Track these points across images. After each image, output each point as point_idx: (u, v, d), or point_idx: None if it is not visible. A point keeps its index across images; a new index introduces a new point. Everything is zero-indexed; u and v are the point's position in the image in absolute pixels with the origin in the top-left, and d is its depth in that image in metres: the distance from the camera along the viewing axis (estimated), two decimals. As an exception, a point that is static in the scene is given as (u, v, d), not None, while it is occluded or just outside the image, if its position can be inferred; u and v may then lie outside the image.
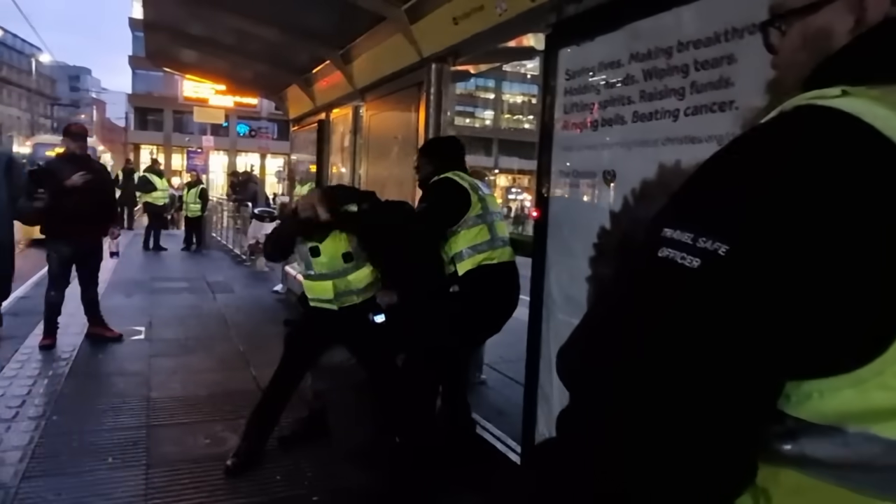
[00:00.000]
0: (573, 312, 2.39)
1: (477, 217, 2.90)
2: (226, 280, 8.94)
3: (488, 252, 2.87)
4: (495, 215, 2.98)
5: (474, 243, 2.89)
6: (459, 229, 2.88)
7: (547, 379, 2.54)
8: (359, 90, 5.03)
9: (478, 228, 2.89)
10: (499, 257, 2.90)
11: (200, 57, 6.21)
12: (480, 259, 2.86)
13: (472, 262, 2.86)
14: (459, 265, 2.88)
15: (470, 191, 2.91)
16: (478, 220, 2.90)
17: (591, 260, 2.29)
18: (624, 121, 2.15)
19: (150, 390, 4.12)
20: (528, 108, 56.10)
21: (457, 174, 2.97)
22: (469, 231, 2.89)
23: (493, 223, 2.93)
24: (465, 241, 2.89)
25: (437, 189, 2.96)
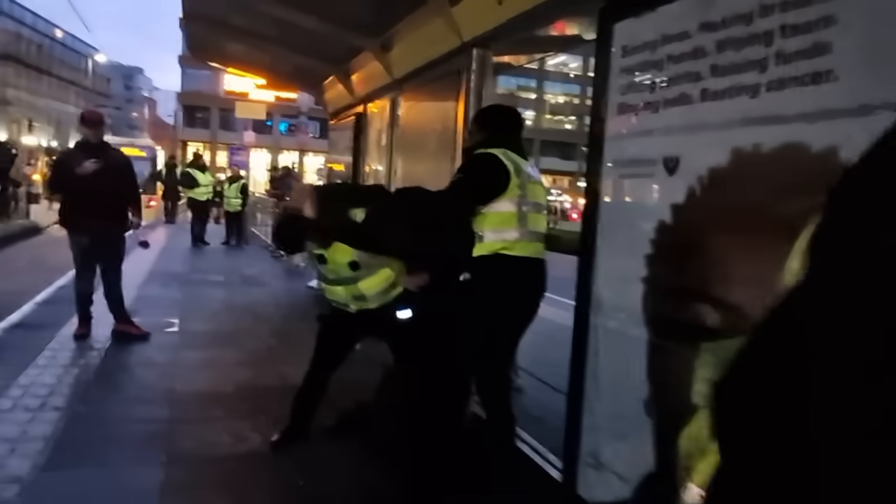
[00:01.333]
0: (625, 317, 2.13)
1: (510, 201, 2.67)
2: (261, 275, 8.92)
3: (510, 242, 2.66)
4: (533, 206, 2.74)
5: (498, 228, 2.67)
6: (487, 210, 2.67)
7: (593, 389, 2.29)
8: (397, 80, 4.86)
9: (507, 214, 2.67)
10: (521, 250, 2.67)
11: (241, 49, 6.15)
12: (498, 247, 2.65)
13: (488, 248, 2.66)
14: (477, 246, 2.68)
15: (512, 172, 2.67)
16: (509, 205, 2.67)
17: (648, 259, 2.03)
18: (691, 100, 1.89)
19: (177, 384, 4.03)
20: (570, 109, 55.43)
21: (504, 152, 2.72)
22: (496, 214, 2.66)
23: (527, 214, 2.70)
24: (490, 223, 2.67)
25: (475, 162, 2.75)
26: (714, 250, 1.80)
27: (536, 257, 2.73)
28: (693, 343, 1.86)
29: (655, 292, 2.01)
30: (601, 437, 2.26)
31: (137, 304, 6.18)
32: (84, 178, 4.52)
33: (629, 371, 2.09)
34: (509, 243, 2.65)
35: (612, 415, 2.20)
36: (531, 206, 2.73)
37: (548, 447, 2.98)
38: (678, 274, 1.91)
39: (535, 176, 2.82)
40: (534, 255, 2.72)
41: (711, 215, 1.82)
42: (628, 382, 2.10)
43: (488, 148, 2.75)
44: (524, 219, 2.69)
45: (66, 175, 4.59)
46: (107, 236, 4.75)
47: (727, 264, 1.76)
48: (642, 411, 2.03)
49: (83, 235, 4.66)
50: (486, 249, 2.66)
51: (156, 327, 5.31)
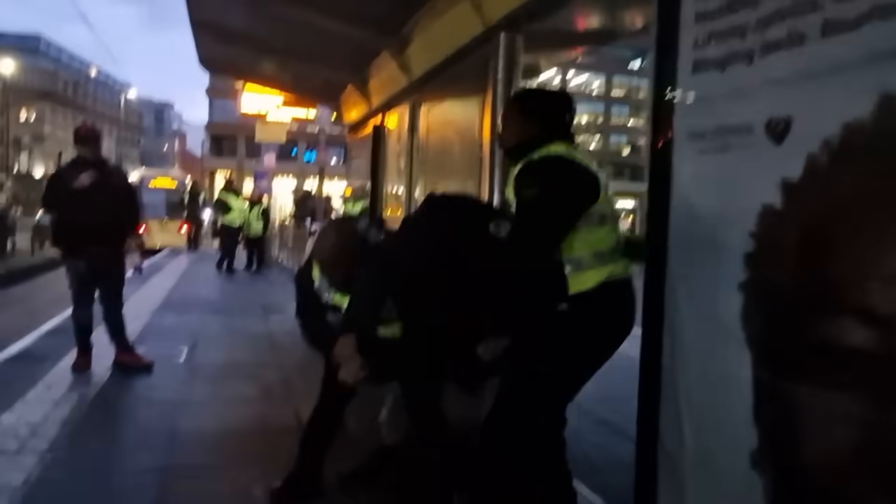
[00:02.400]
0: (714, 336, 1.61)
1: (603, 214, 2.03)
2: (281, 302, 8.49)
3: (614, 264, 2.02)
4: (614, 210, 2.17)
5: (599, 249, 2.00)
6: (580, 226, 1.98)
7: (672, 433, 1.76)
8: (415, 81, 4.45)
9: (606, 229, 2.03)
10: (623, 270, 2.05)
11: (252, 58, 5.84)
12: (607, 273, 1.99)
13: (597, 276, 1.98)
14: (575, 277, 1.98)
15: (598, 175, 2.05)
16: (604, 218, 2.04)
17: (749, 258, 1.52)
18: (804, 39, 1.39)
19: (178, 423, 3.58)
20: (594, 128, 54.90)
21: (571, 150, 2.10)
22: (593, 231, 1.99)
23: (617, 222, 2.15)
24: (587, 244, 1.98)
25: (551, 168, 2.01)
26: (853, 241, 1.28)
27: (630, 275, 2.09)
28: (823, 372, 1.34)
29: (763, 304, 1.48)
30: (688, 496, 1.72)
31: (146, 333, 5.83)
32: (81, 193, 4.16)
33: (727, 412, 1.56)
34: (612, 266, 2.01)
35: (702, 468, 1.66)
36: (616, 210, 2.19)
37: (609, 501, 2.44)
38: (800, 277, 1.39)
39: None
40: (628, 272, 2.09)
41: (846, 192, 1.30)
42: (726, 427, 1.56)
43: (549, 145, 2.07)
44: (618, 232, 2.11)
45: (62, 190, 4.24)
46: (106, 260, 4.37)
47: (872, 259, 1.24)
48: (748, 466, 1.50)
49: (80, 258, 4.29)
50: (592, 281, 1.98)
51: (162, 358, 4.90)
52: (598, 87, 55.83)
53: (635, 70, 57.24)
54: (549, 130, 2.11)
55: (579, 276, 1.97)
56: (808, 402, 1.36)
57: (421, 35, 4.12)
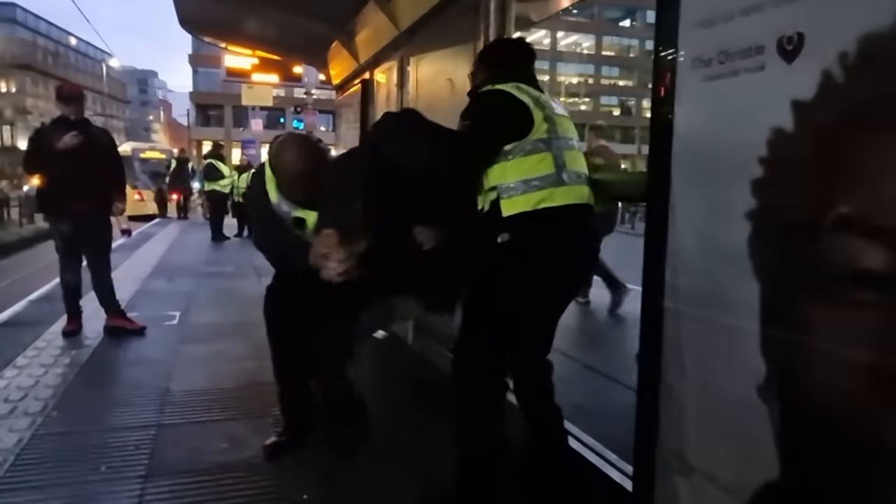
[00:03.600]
0: (720, 266, 1.56)
1: (539, 141, 2.09)
2: (273, 264, 8.47)
3: (549, 189, 2.07)
4: (565, 142, 2.16)
5: (530, 176, 2.07)
6: (511, 155, 2.09)
7: (676, 372, 1.73)
8: (404, 32, 4.30)
9: (538, 157, 2.09)
10: (563, 198, 2.08)
11: (233, 14, 5.63)
12: (537, 199, 2.06)
13: (525, 202, 2.06)
14: (505, 202, 2.08)
15: (532, 105, 2.10)
16: (539, 146, 2.09)
17: (756, 184, 1.45)
18: (820, -54, 1.31)
19: (170, 382, 3.55)
20: (584, 89, 54.26)
21: (517, 86, 2.16)
22: (525, 159, 2.08)
23: (562, 152, 2.12)
24: (518, 171, 2.08)
25: (483, 100, 2.19)
26: (870, 158, 1.22)
27: (583, 204, 2.14)
28: (836, 298, 1.29)
29: (773, 229, 1.43)
30: (689, 431, 1.70)
31: (138, 298, 5.78)
32: (64, 154, 4.04)
33: (732, 343, 1.52)
34: (548, 192, 2.07)
35: (705, 402, 1.63)
36: (564, 142, 2.16)
37: (607, 445, 2.43)
38: (811, 200, 1.34)
39: (560, 110, 2.25)
40: (579, 200, 2.13)
41: (863, 107, 1.24)
42: (731, 359, 1.53)
43: (494, 84, 2.20)
44: (560, 158, 2.11)
45: (44, 151, 4.10)
46: (90, 221, 4.27)
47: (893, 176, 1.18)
48: (755, 397, 1.46)
49: (64, 221, 4.20)
50: (522, 205, 2.07)
51: (154, 321, 4.86)
52: (588, 48, 55.01)
53: (625, 29, 56.43)
54: (498, 74, 2.27)
55: (508, 201, 2.08)
56: (819, 329, 1.32)
57: (408, -19, 3.97)
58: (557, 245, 2.10)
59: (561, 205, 2.07)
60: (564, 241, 2.12)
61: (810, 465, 1.37)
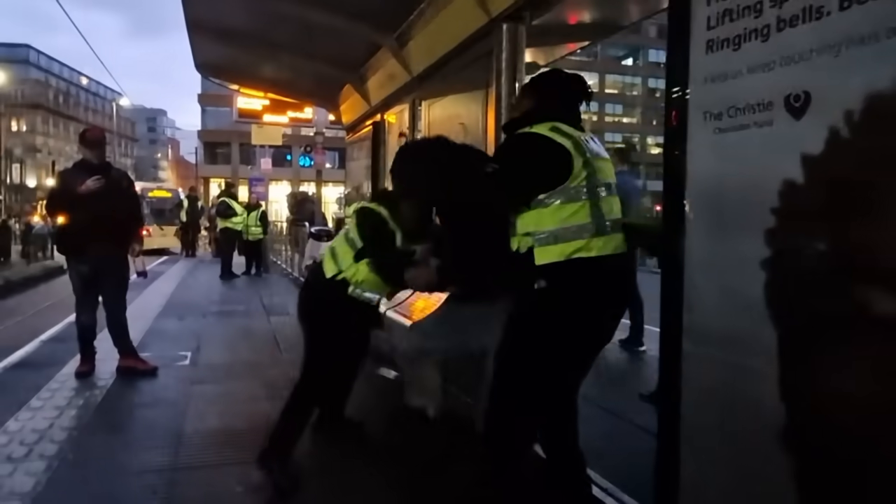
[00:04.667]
0: (737, 314, 1.60)
1: (577, 188, 2.02)
2: (283, 302, 8.49)
3: (585, 241, 2.00)
4: (605, 188, 2.09)
5: (567, 225, 2.01)
6: (549, 202, 2.02)
7: (697, 412, 1.75)
8: (416, 77, 4.43)
9: (576, 205, 2.01)
10: (599, 248, 2.01)
11: (249, 59, 5.81)
12: (571, 250, 1.99)
13: (560, 252, 2.00)
14: (539, 250, 2.03)
15: (572, 150, 2.02)
16: (577, 194, 2.02)
17: (769, 234, 1.51)
18: (823, 11, 1.39)
19: (184, 423, 3.55)
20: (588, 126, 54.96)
21: (554, 126, 2.06)
22: (563, 206, 2.01)
23: (600, 200, 2.05)
24: (554, 219, 2.02)
25: (517, 145, 2.12)
26: (880, 210, 1.28)
27: (619, 253, 2.07)
28: (851, 344, 1.33)
29: (788, 279, 1.48)
30: (708, 471, 1.71)
31: (149, 338, 5.80)
32: (86, 197, 4.14)
33: (753, 390, 1.55)
34: (585, 242, 2.01)
35: (728, 448, 1.65)
36: (603, 189, 2.08)
37: (622, 488, 2.42)
38: (825, 249, 1.39)
39: (599, 150, 2.16)
40: (616, 251, 2.06)
41: (871, 162, 1.30)
42: (753, 402, 1.55)
43: (533, 124, 2.10)
44: (598, 206, 2.04)
45: (67, 194, 4.21)
46: (109, 262, 4.34)
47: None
48: (776, 444, 1.49)
49: (84, 262, 4.27)
50: (557, 254, 2.01)
51: (166, 361, 4.88)
52: (592, 86, 55.97)
53: (628, 67, 57.45)
54: (539, 108, 2.20)
55: (542, 250, 2.04)
56: (838, 376, 1.35)
57: (422, 29, 4.11)
58: (593, 295, 2.04)
59: (597, 255, 2.01)
60: (600, 291, 2.05)
61: (834, 512, 1.39)
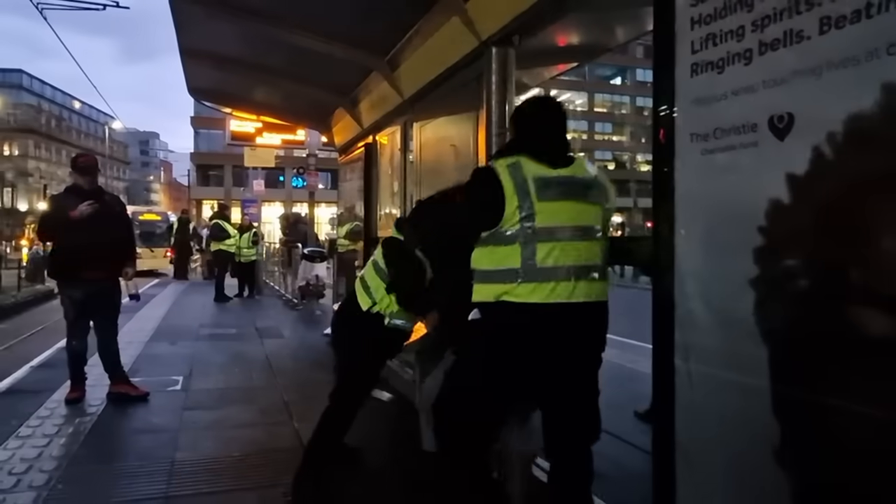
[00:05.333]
0: (726, 333, 1.61)
1: (512, 233, 2.00)
2: (275, 325, 8.46)
3: (512, 286, 1.98)
4: (558, 232, 2.00)
5: (497, 268, 2.03)
6: (485, 243, 2.08)
7: (690, 435, 1.75)
8: (408, 100, 4.47)
9: (509, 248, 2.00)
10: (529, 295, 1.96)
11: (242, 84, 5.85)
12: (498, 292, 2.01)
13: (487, 293, 2.05)
14: (475, 288, 2.11)
15: (511, 190, 2.00)
16: (511, 238, 2.00)
17: (757, 252, 1.53)
18: (804, 36, 1.42)
19: (177, 451, 3.51)
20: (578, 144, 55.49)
21: (516, 162, 2.05)
22: (496, 249, 2.03)
23: (541, 245, 1.98)
24: (488, 260, 2.07)
25: (471, 178, 2.19)
26: (866, 228, 1.30)
27: (567, 302, 1.98)
28: (842, 361, 1.34)
29: (776, 298, 1.49)
30: (706, 489, 1.70)
31: (140, 363, 5.75)
32: (78, 222, 4.13)
33: (746, 407, 1.55)
34: (511, 287, 1.98)
35: (723, 460, 1.65)
36: (556, 233, 2.00)
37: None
38: (811, 268, 1.41)
39: (576, 188, 2.08)
40: (561, 299, 1.97)
41: (854, 181, 1.32)
42: (746, 422, 1.56)
43: (505, 156, 2.12)
44: (532, 254, 1.97)
45: (60, 218, 4.19)
46: (102, 288, 4.32)
47: (886, 244, 1.25)
48: (771, 461, 1.49)
49: (77, 288, 4.25)
50: (484, 295, 2.06)
51: (158, 386, 4.83)
52: (582, 105, 56.58)
53: (616, 87, 58.17)
54: (514, 140, 2.23)
55: (477, 288, 2.10)
56: (828, 395, 1.36)
57: (412, 54, 4.16)
58: (519, 341, 2.01)
59: (526, 302, 1.96)
60: (529, 339, 2.00)
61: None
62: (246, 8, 4.12)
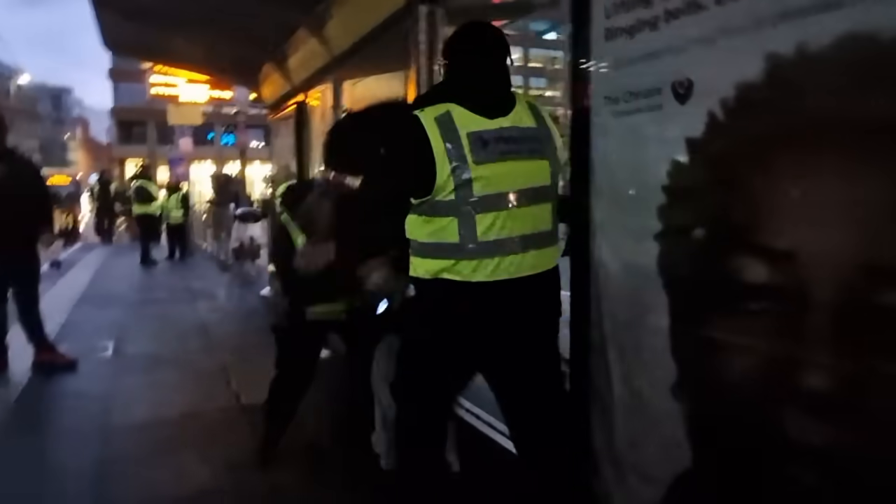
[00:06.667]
0: (636, 281, 1.76)
1: (447, 203, 1.70)
2: (210, 287, 8.27)
3: (451, 262, 1.72)
4: (498, 200, 1.70)
5: (433, 241, 1.75)
6: (419, 212, 1.77)
7: (605, 377, 1.91)
8: (336, 58, 4.39)
9: (442, 221, 1.72)
10: (472, 272, 1.70)
11: (164, 39, 5.55)
12: (437, 268, 1.74)
13: (425, 268, 1.77)
14: (412, 262, 1.82)
15: (442, 153, 1.67)
16: (446, 209, 1.70)
17: (661, 209, 1.66)
18: (702, 5, 1.52)
19: (110, 416, 3.47)
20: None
21: (446, 112, 1.71)
22: (431, 220, 1.74)
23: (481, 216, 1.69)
24: (423, 231, 1.78)
25: (397, 130, 1.81)
26: (752, 186, 1.44)
27: (513, 278, 1.72)
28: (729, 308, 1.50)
29: (675, 251, 1.64)
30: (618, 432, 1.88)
31: (67, 330, 5.54)
32: None
33: (650, 351, 1.71)
34: (451, 263, 1.72)
35: (630, 406, 1.82)
36: (496, 201, 1.70)
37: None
38: (705, 224, 1.55)
39: (520, 143, 1.74)
40: (508, 275, 1.71)
41: (744, 143, 1.45)
42: (651, 362, 1.72)
43: (434, 102, 1.76)
44: (472, 227, 1.69)
45: None
46: (16, 256, 4.11)
47: (772, 202, 1.39)
48: (669, 398, 1.66)
49: (-11, 256, 4.03)
50: (423, 270, 1.78)
51: (87, 353, 4.69)
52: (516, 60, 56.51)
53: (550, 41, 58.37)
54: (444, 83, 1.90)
55: (413, 261, 1.82)
56: (717, 336, 1.53)
57: (339, 10, 4.07)
58: (460, 322, 1.76)
59: (467, 280, 1.70)
60: (471, 319, 1.75)
61: (718, 458, 1.57)
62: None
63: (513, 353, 1.81)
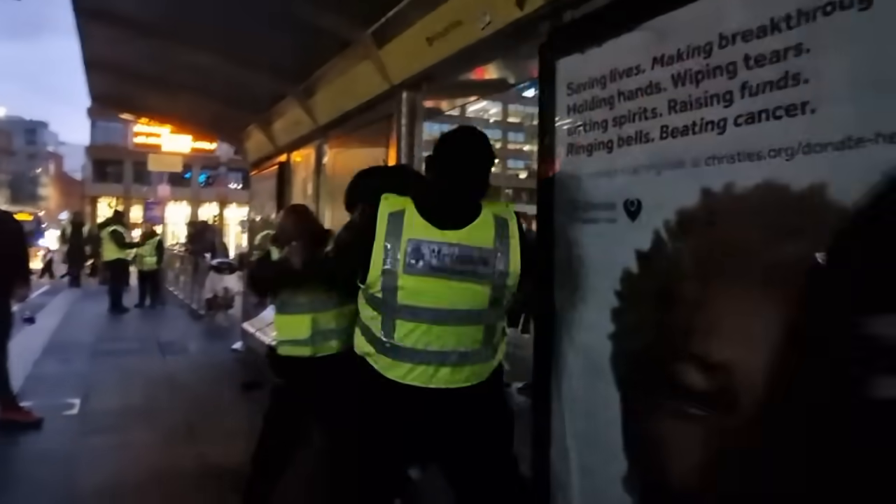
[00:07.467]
0: (592, 375, 1.91)
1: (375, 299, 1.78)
2: (180, 339, 8.20)
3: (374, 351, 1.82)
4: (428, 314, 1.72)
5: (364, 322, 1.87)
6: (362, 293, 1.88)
7: (564, 466, 2.04)
8: (321, 127, 4.60)
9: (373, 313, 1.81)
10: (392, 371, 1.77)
11: (151, 97, 5.72)
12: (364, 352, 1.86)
13: (357, 343, 1.90)
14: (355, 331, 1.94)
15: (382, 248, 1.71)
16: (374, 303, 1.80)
17: (614, 312, 1.83)
18: (649, 138, 1.74)
19: (77, 480, 3.44)
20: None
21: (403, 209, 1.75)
22: (364, 305, 1.87)
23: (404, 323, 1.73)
24: (363, 310, 1.89)
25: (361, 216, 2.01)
26: (689, 301, 1.62)
27: (425, 387, 1.74)
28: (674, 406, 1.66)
29: (625, 351, 1.80)
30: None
31: (30, 384, 5.42)
32: None
33: (606, 442, 1.85)
34: (372, 351, 1.81)
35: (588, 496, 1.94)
36: (417, 315, 1.71)
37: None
38: (651, 330, 1.72)
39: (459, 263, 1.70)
40: (419, 383, 1.74)
41: (683, 262, 1.64)
42: (605, 454, 1.86)
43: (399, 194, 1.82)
44: (391, 329, 1.74)
45: None
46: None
47: (706, 316, 1.57)
48: (621, 490, 1.79)
49: (-40, 311, 4.02)
50: (357, 344, 1.91)
51: (52, 410, 4.62)
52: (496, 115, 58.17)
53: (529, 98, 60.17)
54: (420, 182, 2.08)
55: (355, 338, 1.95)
56: (662, 431, 1.68)
57: (326, 87, 4.30)
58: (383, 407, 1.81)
59: (383, 374, 1.76)
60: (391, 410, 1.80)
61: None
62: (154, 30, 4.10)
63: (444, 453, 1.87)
